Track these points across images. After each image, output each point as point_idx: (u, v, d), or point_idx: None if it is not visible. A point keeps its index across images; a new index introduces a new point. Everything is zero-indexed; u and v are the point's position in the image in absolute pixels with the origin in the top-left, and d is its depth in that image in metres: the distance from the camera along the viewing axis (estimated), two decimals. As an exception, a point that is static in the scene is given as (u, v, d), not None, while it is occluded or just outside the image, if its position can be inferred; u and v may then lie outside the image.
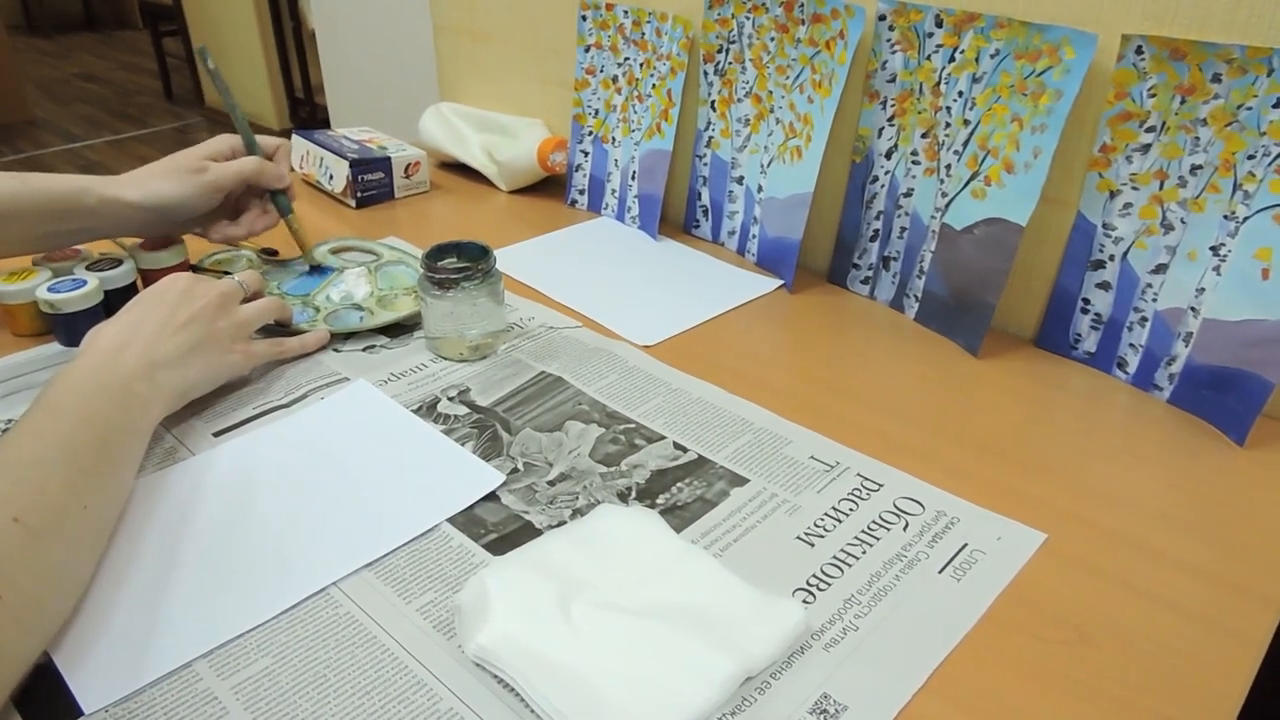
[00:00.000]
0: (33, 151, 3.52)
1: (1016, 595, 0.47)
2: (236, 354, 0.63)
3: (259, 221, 0.77)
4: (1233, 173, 0.58)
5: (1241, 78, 0.56)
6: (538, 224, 0.96)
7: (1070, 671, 0.43)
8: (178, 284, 0.62)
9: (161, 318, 0.59)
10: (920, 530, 0.52)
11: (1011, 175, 0.66)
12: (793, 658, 0.43)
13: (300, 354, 0.69)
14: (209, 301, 0.62)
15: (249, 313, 0.65)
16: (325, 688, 0.42)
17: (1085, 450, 0.60)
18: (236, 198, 0.77)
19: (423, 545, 0.51)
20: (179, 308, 0.60)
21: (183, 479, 0.56)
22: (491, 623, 0.43)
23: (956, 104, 0.69)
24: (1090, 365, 0.69)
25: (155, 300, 0.60)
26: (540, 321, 0.75)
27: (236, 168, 0.74)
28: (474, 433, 0.60)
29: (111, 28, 5.71)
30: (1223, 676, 0.43)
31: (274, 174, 0.77)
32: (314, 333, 0.70)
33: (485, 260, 0.68)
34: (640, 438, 0.60)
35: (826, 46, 0.75)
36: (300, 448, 0.59)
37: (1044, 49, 0.63)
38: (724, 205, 0.90)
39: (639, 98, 0.93)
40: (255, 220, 0.77)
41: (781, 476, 0.56)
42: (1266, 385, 0.58)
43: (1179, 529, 0.53)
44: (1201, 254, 0.61)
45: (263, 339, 0.67)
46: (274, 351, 0.67)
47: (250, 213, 0.78)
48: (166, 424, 0.60)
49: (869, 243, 0.80)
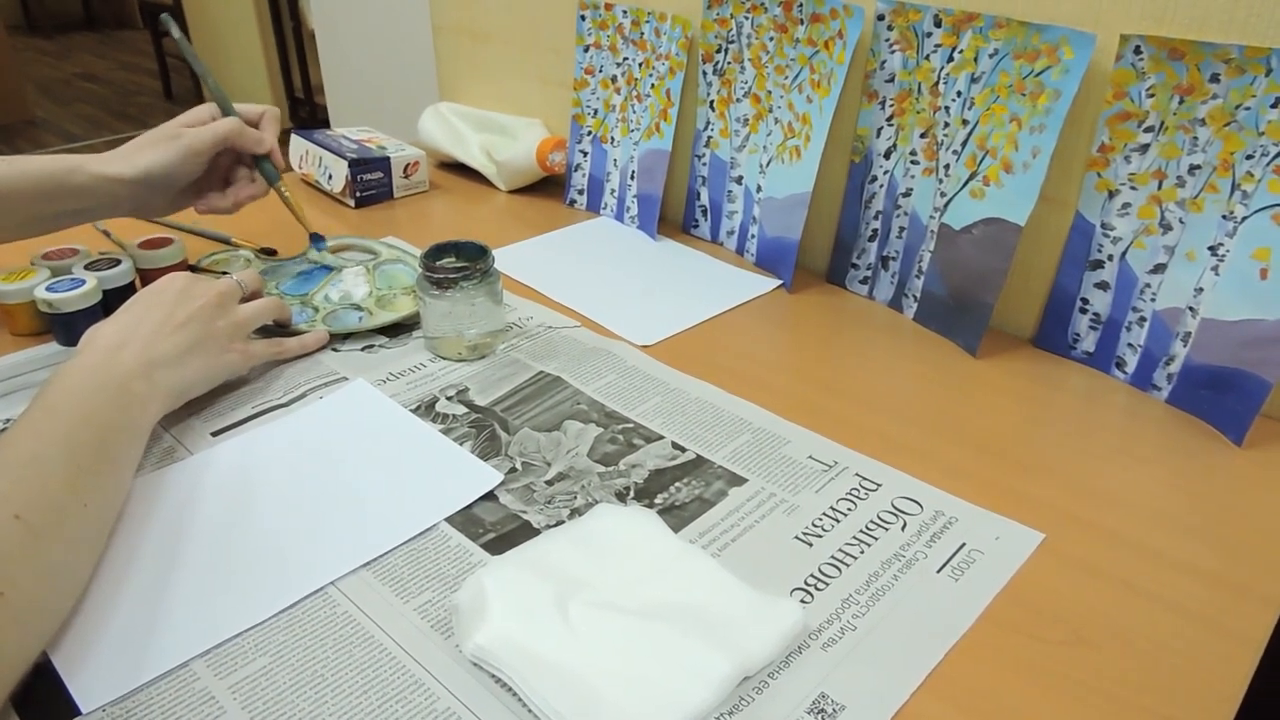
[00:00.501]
0: (33, 151, 3.52)
1: (1014, 595, 0.47)
2: (235, 353, 0.63)
3: (245, 190, 0.76)
4: (1231, 173, 0.58)
5: (1240, 77, 0.56)
6: (536, 224, 0.96)
7: (1068, 671, 0.43)
8: (176, 283, 0.62)
9: (160, 317, 0.59)
10: (918, 530, 0.52)
11: (1010, 175, 0.66)
12: (790, 657, 0.43)
13: (299, 354, 0.69)
14: (207, 301, 0.62)
15: (247, 312, 0.65)
16: (323, 687, 0.42)
17: (1084, 450, 0.60)
18: (225, 169, 0.76)
19: (421, 545, 0.51)
20: (177, 307, 0.60)
21: (181, 479, 0.56)
22: (489, 622, 0.43)
23: (955, 104, 0.69)
24: (1089, 365, 0.69)
25: (153, 299, 0.60)
26: (539, 321, 0.75)
27: (213, 129, 0.72)
28: (472, 432, 0.60)
29: (111, 28, 5.71)
30: (1221, 676, 0.43)
31: (253, 138, 0.75)
32: (313, 333, 0.70)
33: (484, 260, 0.68)
34: (638, 437, 0.60)
35: (825, 46, 0.75)
36: (298, 447, 0.59)
37: (1042, 49, 0.63)
38: (723, 205, 0.90)
39: (638, 97, 0.93)
40: (241, 190, 0.76)
41: (780, 476, 0.56)
42: (1265, 385, 0.58)
43: (1177, 529, 0.53)
44: (1200, 254, 0.61)
45: (261, 339, 0.67)
46: (272, 351, 0.67)
47: (237, 184, 0.76)
48: (165, 423, 0.60)
49: (868, 242, 0.80)
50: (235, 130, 0.73)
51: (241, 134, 0.74)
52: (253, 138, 0.75)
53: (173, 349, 0.58)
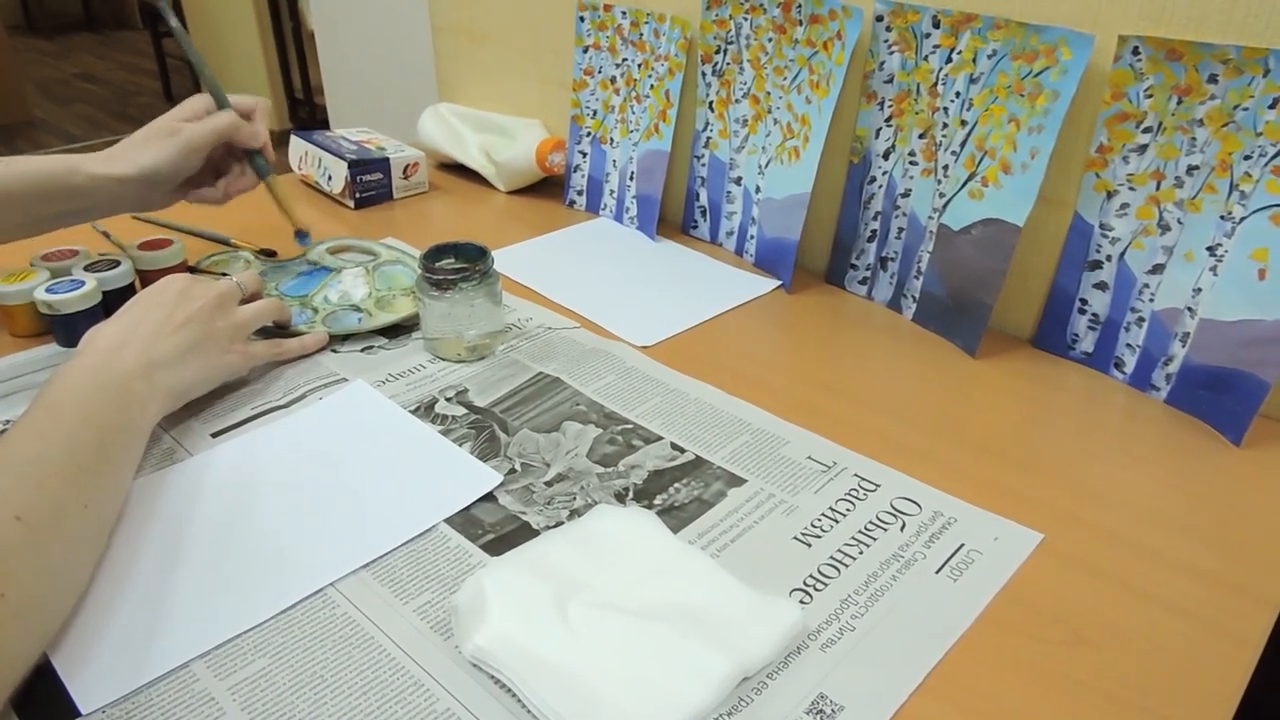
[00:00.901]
0: (32, 152, 3.52)
1: (1013, 595, 0.48)
2: (234, 354, 0.63)
3: (236, 184, 0.77)
4: (1229, 173, 0.58)
5: (1238, 78, 0.56)
6: (536, 224, 0.96)
7: (1067, 671, 0.43)
8: (175, 284, 0.62)
9: (159, 318, 0.59)
10: (917, 530, 0.52)
11: (1009, 176, 0.66)
12: (789, 658, 0.43)
13: (299, 355, 0.69)
14: (207, 302, 0.62)
15: (247, 314, 0.65)
16: (322, 688, 0.42)
17: (1082, 450, 0.60)
18: (217, 160, 0.76)
19: (420, 546, 0.51)
20: (177, 308, 0.60)
21: (181, 480, 0.56)
22: (489, 623, 0.43)
23: (954, 104, 0.69)
24: (1088, 365, 0.69)
25: (153, 300, 0.60)
26: (538, 322, 0.75)
27: (211, 124, 0.72)
28: (472, 433, 0.61)
29: (111, 28, 5.71)
30: (1219, 676, 0.43)
31: (249, 132, 0.75)
32: (312, 335, 0.70)
33: (483, 261, 0.68)
34: (638, 438, 0.60)
35: (824, 47, 0.75)
36: (298, 448, 0.59)
37: (1041, 50, 0.63)
38: (722, 206, 0.90)
39: (637, 98, 0.93)
40: (232, 183, 0.77)
41: (779, 477, 0.56)
42: (1263, 385, 0.58)
43: (1176, 529, 0.53)
44: (1198, 254, 0.61)
45: (261, 340, 0.67)
46: (272, 352, 0.67)
47: (228, 176, 0.77)
48: (165, 425, 0.60)
49: (867, 243, 0.80)
50: (232, 126, 0.73)
51: (237, 129, 0.74)
52: (248, 132, 0.75)
53: (172, 350, 0.58)
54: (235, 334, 0.63)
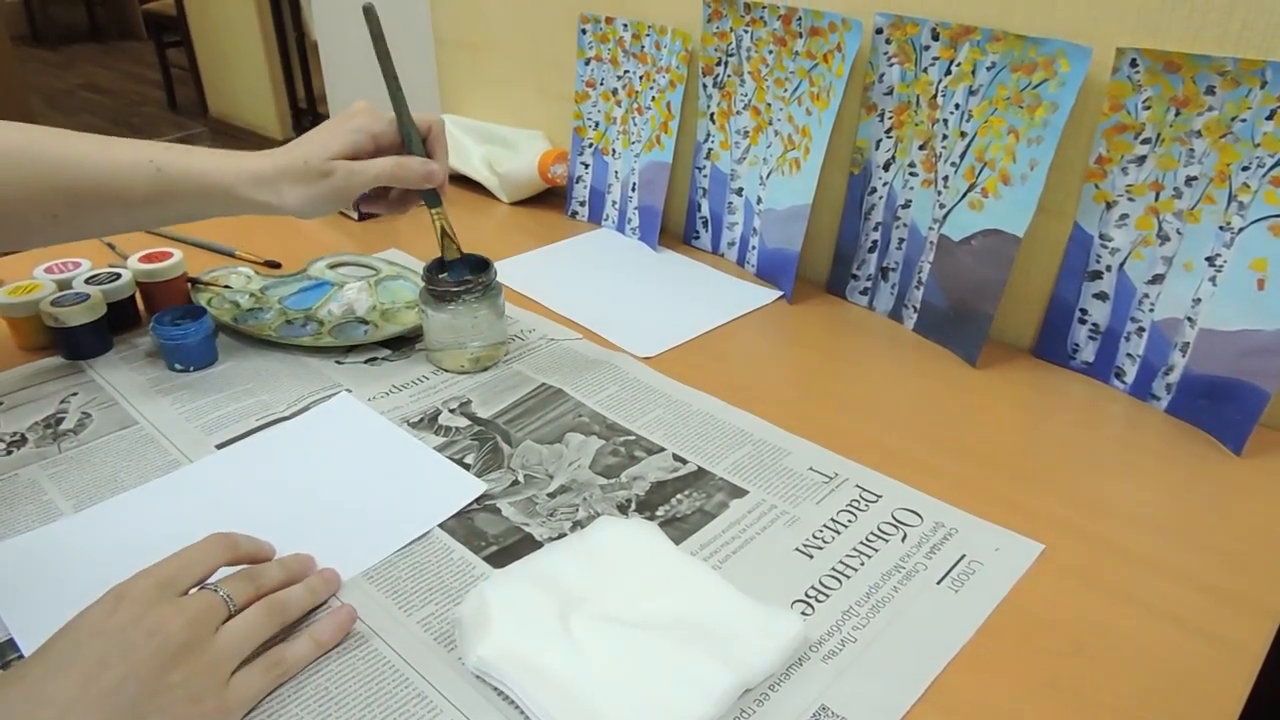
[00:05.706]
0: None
1: (1014, 606, 0.48)
2: (206, 714, 0.40)
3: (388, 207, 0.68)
4: (1228, 184, 0.58)
5: (1235, 90, 0.57)
6: (538, 236, 0.97)
7: (1068, 683, 0.43)
8: (123, 609, 0.41)
9: (79, 677, 0.38)
10: (919, 541, 0.52)
11: (1008, 187, 0.66)
12: (791, 669, 0.43)
13: (308, 662, 0.44)
14: (164, 641, 0.40)
15: (231, 639, 0.42)
16: (326, 700, 0.42)
17: (1083, 460, 0.60)
18: None
19: (423, 558, 0.51)
20: (110, 654, 0.39)
21: (180, 483, 0.56)
22: (492, 635, 0.43)
23: (953, 116, 0.70)
24: (1088, 375, 0.70)
25: (74, 646, 0.39)
26: (541, 333, 0.75)
27: (373, 172, 0.62)
28: (475, 445, 0.61)
29: (115, 38, 5.73)
30: (1220, 687, 0.43)
31: (419, 174, 0.64)
32: (333, 615, 0.46)
33: (485, 273, 0.68)
34: (640, 449, 0.60)
35: (824, 59, 0.75)
36: (284, 459, 0.59)
37: (1039, 62, 0.63)
38: (723, 217, 0.90)
39: (639, 110, 0.93)
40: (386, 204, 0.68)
41: (780, 488, 0.57)
42: (1263, 395, 0.58)
43: (1176, 539, 0.53)
44: (1198, 264, 0.61)
45: (255, 665, 0.42)
46: (268, 682, 0.43)
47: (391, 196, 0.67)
48: (168, 434, 0.60)
49: (867, 254, 0.80)
50: (392, 175, 0.63)
51: (402, 176, 0.63)
52: (418, 174, 0.64)
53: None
54: (208, 679, 0.40)
